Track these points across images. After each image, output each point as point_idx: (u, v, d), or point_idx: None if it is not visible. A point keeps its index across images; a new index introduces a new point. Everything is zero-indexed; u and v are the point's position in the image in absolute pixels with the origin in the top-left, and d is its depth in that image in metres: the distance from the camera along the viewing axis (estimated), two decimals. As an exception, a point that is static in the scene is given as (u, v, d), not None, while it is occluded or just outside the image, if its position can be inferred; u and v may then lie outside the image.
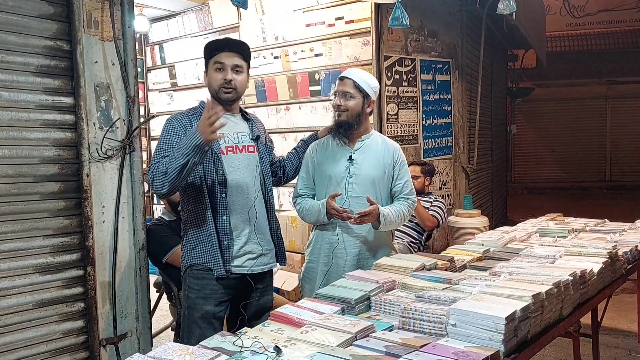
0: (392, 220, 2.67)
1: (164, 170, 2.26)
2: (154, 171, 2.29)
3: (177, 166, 2.23)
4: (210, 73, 2.46)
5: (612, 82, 13.70)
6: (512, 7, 3.92)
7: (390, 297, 2.02)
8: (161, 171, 2.26)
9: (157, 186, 2.29)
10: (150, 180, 2.30)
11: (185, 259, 2.50)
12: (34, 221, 2.55)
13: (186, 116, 2.45)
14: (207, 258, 2.42)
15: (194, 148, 2.21)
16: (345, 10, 4.64)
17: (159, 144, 2.38)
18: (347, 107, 2.67)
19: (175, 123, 2.42)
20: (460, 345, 1.63)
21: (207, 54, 2.48)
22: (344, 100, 2.67)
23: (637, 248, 2.96)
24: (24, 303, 2.52)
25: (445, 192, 5.52)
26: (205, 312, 2.41)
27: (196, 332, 2.35)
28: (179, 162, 2.22)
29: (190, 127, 2.39)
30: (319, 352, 1.57)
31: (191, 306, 2.44)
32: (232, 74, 2.43)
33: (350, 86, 2.68)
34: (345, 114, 2.68)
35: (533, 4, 8.54)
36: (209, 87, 2.49)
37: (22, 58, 2.49)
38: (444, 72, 5.44)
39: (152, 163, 2.34)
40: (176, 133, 2.38)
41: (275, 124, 5.18)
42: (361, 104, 2.69)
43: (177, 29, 6.10)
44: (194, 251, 2.45)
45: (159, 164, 2.29)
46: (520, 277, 2.10)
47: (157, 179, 2.28)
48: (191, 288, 2.45)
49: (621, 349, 3.92)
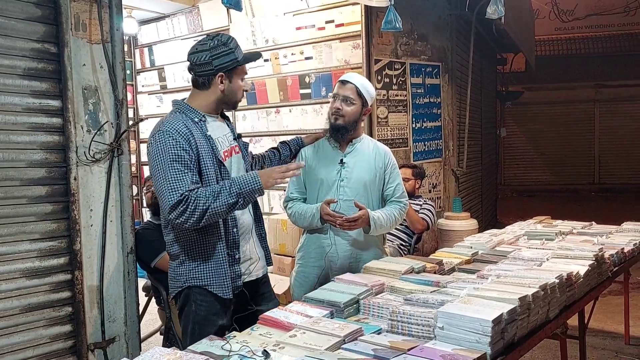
0: (383, 223, 2.67)
1: (204, 208, 2.09)
2: (191, 204, 2.08)
3: (224, 205, 2.11)
4: (237, 82, 2.34)
5: (600, 85, 13.84)
6: (501, 11, 3.94)
7: (379, 300, 2.03)
8: (202, 208, 2.08)
9: (191, 221, 2.10)
10: (182, 211, 2.08)
11: (182, 279, 2.29)
12: (20, 225, 2.52)
13: (182, 123, 2.21)
14: (210, 279, 2.24)
15: (250, 192, 2.14)
16: (336, 14, 4.65)
17: (169, 164, 2.12)
18: (346, 113, 2.65)
19: (177, 136, 2.16)
20: (448, 348, 1.64)
21: (238, 61, 2.30)
22: (345, 105, 2.66)
23: (623, 251, 3.00)
24: (11, 308, 2.49)
25: (435, 195, 5.55)
26: (219, 326, 2.27)
27: None
28: (227, 201, 2.11)
29: (192, 136, 2.19)
30: (307, 355, 1.57)
31: (202, 322, 2.26)
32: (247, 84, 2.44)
33: (352, 91, 2.66)
34: (342, 118, 2.66)
35: (522, 8, 8.61)
36: (230, 94, 2.33)
37: (9, 60, 2.47)
38: (433, 76, 5.47)
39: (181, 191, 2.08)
40: (183, 148, 2.15)
41: (265, 127, 5.18)
42: (359, 111, 2.69)
43: (166, 32, 6.08)
44: (195, 271, 2.26)
45: (198, 200, 2.08)
46: (507, 279, 2.12)
47: (195, 214, 2.09)
48: (199, 305, 2.26)
49: (608, 350, 3.95)
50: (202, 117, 2.30)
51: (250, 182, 2.16)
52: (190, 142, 2.18)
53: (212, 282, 2.25)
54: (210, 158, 2.23)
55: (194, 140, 2.19)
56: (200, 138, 2.23)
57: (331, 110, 2.69)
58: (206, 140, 2.25)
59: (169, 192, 2.10)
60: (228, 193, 2.12)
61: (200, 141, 2.22)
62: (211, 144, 2.27)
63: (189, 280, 2.27)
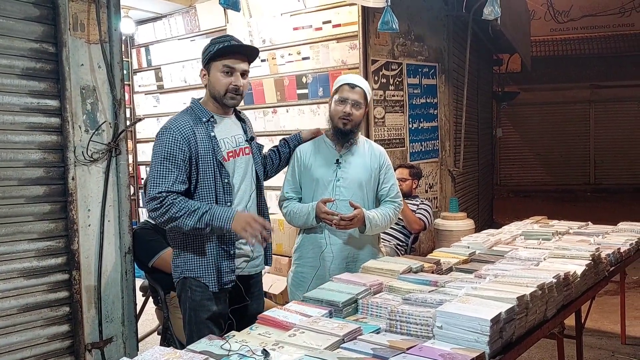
0: (378, 223, 2.68)
1: (173, 216, 2.19)
2: (164, 206, 2.18)
3: (191, 225, 2.20)
4: (215, 74, 2.33)
5: (595, 86, 13.91)
6: (497, 12, 3.96)
7: (377, 299, 2.04)
8: (171, 215, 2.19)
9: (159, 220, 2.23)
10: (156, 207, 2.20)
11: (179, 269, 2.41)
12: (18, 225, 2.52)
13: (186, 123, 2.30)
14: (202, 272, 2.34)
15: (219, 227, 2.21)
16: (333, 14, 4.65)
17: (161, 161, 2.23)
18: (355, 117, 2.66)
19: (177, 134, 2.26)
20: (447, 347, 1.65)
21: (214, 55, 2.32)
22: (355, 109, 2.66)
23: (619, 250, 3.01)
24: (9, 307, 2.49)
25: (432, 195, 5.56)
26: (212, 312, 2.36)
27: (205, 332, 2.23)
28: (195, 224, 2.19)
29: (193, 136, 2.28)
30: (307, 355, 1.58)
31: (197, 308, 2.36)
32: (241, 80, 2.36)
33: (361, 96, 2.68)
34: (351, 123, 2.67)
35: (518, 9, 8.65)
36: (211, 89, 2.37)
37: (7, 60, 2.47)
38: (430, 76, 5.49)
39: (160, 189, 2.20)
40: (180, 148, 2.25)
41: (262, 127, 5.18)
42: (364, 114, 2.73)
43: (163, 32, 6.07)
44: (190, 263, 2.37)
45: (172, 207, 2.18)
46: (505, 279, 2.13)
47: (164, 216, 2.20)
48: (194, 291, 2.35)
49: (604, 350, 3.97)
50: (211, 117, 2.39)
51: (222, 219, 2.22)
52: (190, 142, 2.28)
53: (202, 274, 2.35)
54: (210, 158, 2.32)
55: (194, 140, 2.29)
56: (204, 138, 2.32)
57: (338, 114, 2.66)
58: (209, 140, 2.33)
59: (151, 186, 2.23)
60: (199, 217, 2.21)
61: (203, 141, 2.31)
62: (214, 144, 2.34)
63: (185, 272, 2.39)
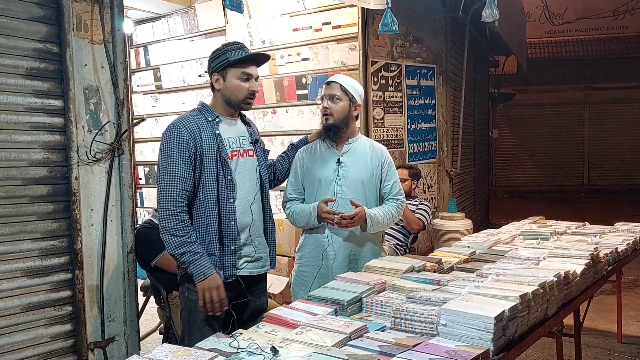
0: (380, 221, 2.70)
1: (169, 232, 2.30)
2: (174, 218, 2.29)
3: (173, 251, 2.31)
4: (233, 81, 2.42)
5: (590, 87, 14.01)
6: (495, 15, 3.99)
7: (381, 298, 2.06)
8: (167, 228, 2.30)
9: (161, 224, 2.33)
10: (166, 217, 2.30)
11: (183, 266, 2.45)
12: (22, 224, 2.53)
13: (193, 120, 2.40)
14: None
15: (193, 274, 2.29)
16: (332, 16, 4.67)
17: (172, 157, 2.32)
18: (334, 111, 2.70)
19: (183, 129, 2.36)
20: (452, 344, 1.67)
21: (234, 62, 2.40)
22: (332, 103, 2.70)
23: (617, 250, 3.05)
24: (12, 307, 2.49)
25: (430, 195, 5.59)
26: (207, 314, 2.38)
27: (197, 334, 2.32)
28: (177, 253, 2.30)
29: (199, 135, 2.36)
30: (315, 352, 1.60)
31: (192, 308, 2.41)
32: (256, 85, 2.47)
33: (337, 89, 2.71)
34: (332, 117, 2.70)
35: (514, 11, 8.70)
36: (228, 94, 2.45)
37: (11, 60, 2.47)
38: (428, 78, 5.52)
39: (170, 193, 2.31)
40: (188, 146, 2.33)
41: (262, 127, 5.18)
42: (348, 107, 2.72)
43: (162, 32, 6.07)
44: None
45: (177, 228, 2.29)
46: (506, 278, 2.15)
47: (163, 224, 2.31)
48: (192, 290, 2.39)
49: (602, 349, 4.02)
50: (216, 118, 2.47)
51: (199, 272, 2.29)
52: (195, 137, 2.36)
53: None
54: (213, 154, 2.39)
55: (200, 136, 2.37)
56: (209, 135, 2.40)
57: (321, 112, 2.74)
58: (214, 138, 2.41)
59: (164, 193, 2.32)
60: (184, 251, 2.29)
61: (208, 138, 2.39)
62: (218, 141, 2.41)
63: (184, 269, 2.41)
